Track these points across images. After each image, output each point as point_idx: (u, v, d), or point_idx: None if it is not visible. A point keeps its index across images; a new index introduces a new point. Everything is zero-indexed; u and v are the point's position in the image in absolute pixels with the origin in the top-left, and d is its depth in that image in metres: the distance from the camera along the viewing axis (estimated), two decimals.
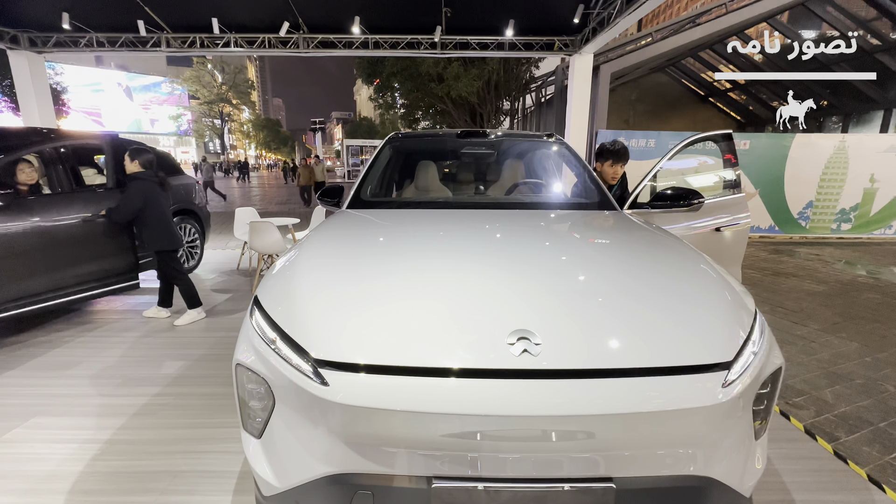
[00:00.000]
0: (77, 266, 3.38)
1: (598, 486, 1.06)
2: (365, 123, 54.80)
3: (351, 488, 1.11)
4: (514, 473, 1.06)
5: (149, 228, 3.46)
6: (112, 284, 3.62)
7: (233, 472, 1.86)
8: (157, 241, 3.48)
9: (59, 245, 3.27)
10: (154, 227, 3.45)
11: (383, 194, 2.89)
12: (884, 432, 2.25)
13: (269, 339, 1.24)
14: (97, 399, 2.45)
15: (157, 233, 3.47)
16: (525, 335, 1.12)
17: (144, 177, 3.40)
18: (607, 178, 3.06)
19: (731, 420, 1.13)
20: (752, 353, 1.19)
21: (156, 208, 3.44)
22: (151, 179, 3.44)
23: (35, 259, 3.13)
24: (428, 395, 1.04)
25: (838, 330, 3.64)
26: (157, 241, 3.49)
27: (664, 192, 2.39)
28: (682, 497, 1.13)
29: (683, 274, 1.49)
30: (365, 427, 1.07)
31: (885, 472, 1.93)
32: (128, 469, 1.89)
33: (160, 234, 3.48)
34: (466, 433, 1.03)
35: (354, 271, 1.48)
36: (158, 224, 3.46)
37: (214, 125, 54.16)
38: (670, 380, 1.08)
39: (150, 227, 3.45)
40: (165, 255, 3.54)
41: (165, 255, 3.55)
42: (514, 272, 1.48)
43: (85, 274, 3.44)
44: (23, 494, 1.74)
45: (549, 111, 16.46)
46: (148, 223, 3.44)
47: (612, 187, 3.10)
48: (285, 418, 1.19)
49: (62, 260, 3.29)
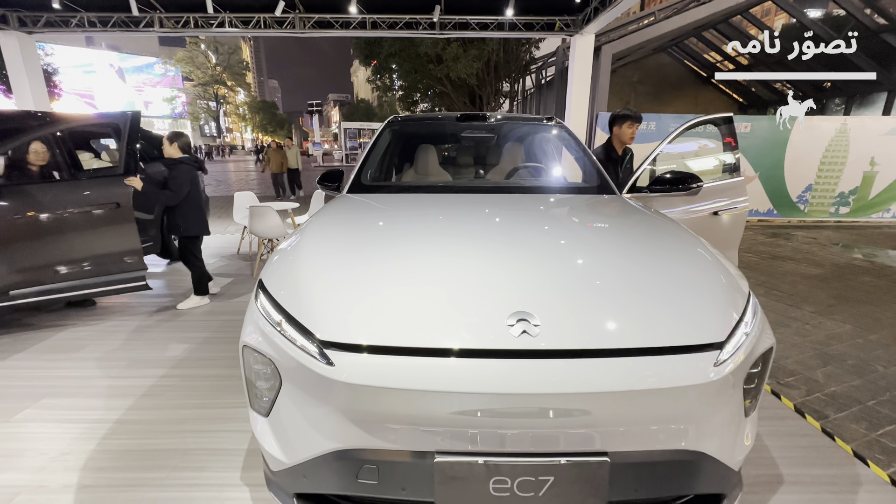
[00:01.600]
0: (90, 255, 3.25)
1: (594, 460, 1.10)
2: (363, 106, 53.99)
3: (356, 463, 1.16)
4: (513, 448, 1.11)
5: (184, 213, 3.49)
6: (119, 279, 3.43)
7: (240, 450, 1.92)
8: (191, 225, 3.54)
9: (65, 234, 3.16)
10: (189, 211, 3.51)
11: (383, 178, 2.89)
12: (872, 410, 2.31)
13: (275, 322, 1.27)
14: (105, 381, 2.51)
15: (192, 217, 3.54)
16: (524, 317, 1.15)
17: (188, 161, 3.45)
18: (626, 139, 3.14)
19: (722, 398, 1.17)
20: (744, 333, 1.23)
21: (196, 193, 3.51)
22: (192, 164, 3.49)
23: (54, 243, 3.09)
24: (430, 375, 1.08)
25: (832, 312, 3.70)
26: (192, 226, 3.55)
27: (663, 175, 2.40)
28: (674, 470, 1.18)
29: (679, 257, 1.51)
30: (369, 405, 1.11)
31: (870, 448, 2.00)
32: (139, 447, 1.95)
33: (195, 219, 3.56)
34: (467, 410, 1.07)
35: (357, 255, 1.51)
36: (194, 209, 3.53)
37: (209, 108, 53.35)
38: (664, 359, 1.12)
39: (185, 211, 3.49)
40: (192, 240, 3.61)
41: (192, 241, 3.60)
42: (514, 255, 1.50)
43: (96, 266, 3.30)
44: (38, 471, 1.80)
45: (549, 93, 16.24)
46: (184, 208, 3.47)
47: (625, 154, 3.18)
48: (292, 397, 1.23)
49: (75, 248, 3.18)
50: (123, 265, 3.30)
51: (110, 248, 3.24)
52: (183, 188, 3.40)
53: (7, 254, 2.94)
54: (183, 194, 3.41)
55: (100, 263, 3.24)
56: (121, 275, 3.30)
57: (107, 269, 3.27)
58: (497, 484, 1.10)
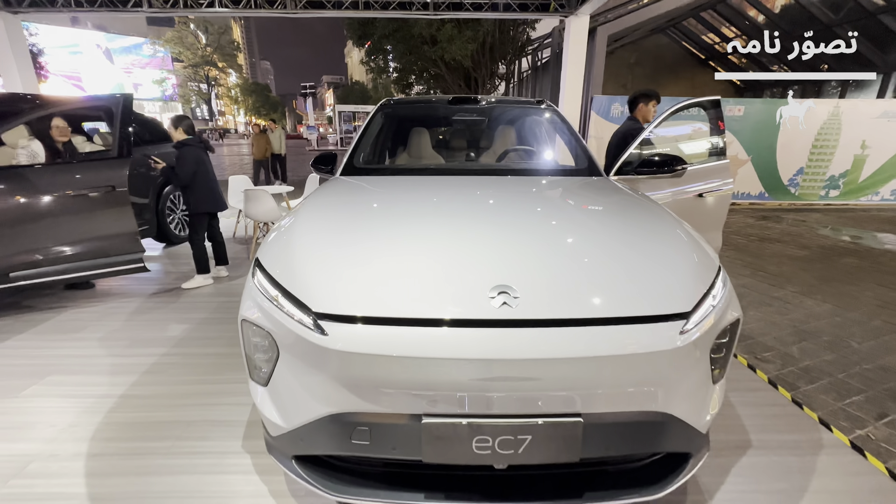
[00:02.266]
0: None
1: (568, 421, 1.20)
2: (357, 88, 53.15)
3: (350, 425, 1.25)
4: (494, 410, 1.20)
5: (196, 191, 3.65)
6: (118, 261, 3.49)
7: (241, 422, 2.02)
8: (204, 203, 3.70)
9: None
10: (201, 190, 3.66)
11: (376, 161, 2.94)
12: (841, 382, 2.44)
13: (272, 297, 1.35)
14: (108, 359, 2.59)
15: (204, 195, 3.69)
16: (505, 289, 1.24)
17: (192, 143, 3.59)
18: (648, 117, 3.30)
19: (688, 364, 1.26)
20: (710, 305, 1.32)
21: (205, 172, 3.66)
22: (197, 145, 3.63)
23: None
24: (417, 343, 1.17)
25: (814, 292, 3.82)
26: (205, 204, 3.70)
27: (649, 158, 2.47)
28: (643, 430, 1.28)
29: (654, 235, 1.59)
30: (361, 371, 1.20)
31: (836, 416, 2.13)
32: (144, 420, 2.05)
33: (207, 197, 3.71)
34: (451, 375, 1.16)
35: (349, 233, 1.58)
36: (205, 187, 3.68)
37: (201, 90, 52.36)
38: (633, 328, 1.21)
39: (197, 190, 3.65)
40: (199, 217, 3.73)
41: (198, 217, 3.74)
42: (497, 233, 1.58)
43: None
44: (48, 441, 1.89)
45: (545, 75, 16.08)
46: (195, 187, 3.62)
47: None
48: (289, 366, 1.32)
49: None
50: (121, 248, 3.35)
51: (107, 230, 3.29)
52: (188, 169, 3.54)
53: (5, 237, 2.98)
54: (189, 175, 3.56)
55: (97, 246, 3.29)
56: (119, 257, 3.35)
57: (104, 251, 3.31)
58: (479, 443, 1.20)
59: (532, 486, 1.35)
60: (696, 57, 18.06)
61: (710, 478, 1.72)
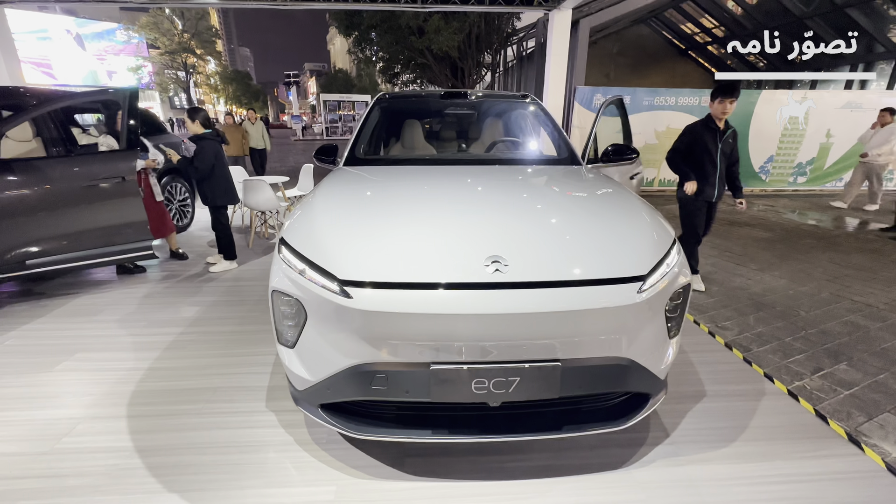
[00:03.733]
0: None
1: (549, 365, 1.49)
2: (341, 76, 52.32)
3: (370, 374, 1.52)
4: (489, 357, 1.48)
5: (211, 185, 3.77)
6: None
7: (262, 387, 2.27)
8: (221, 196, 3.83)
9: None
10: (218, 183, 3.78)
11: (374, 152, 3.16)
12: (788, 345, 2.80)
13: (299, 269, 1.59)
14: (129, 338, 2.79)
15: (221, 188, 3.81)
16: (497, 258, 1.51)
17: (210, 136, 3.68)
18: (717, 113, 3.29)
19: (645, 317, 1.56)
20: (664, 271, 1.61)
21: (221, 166, 3.77)
22: (214, 139, 3.71)
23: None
24: (427, 301, 1.43)
25: (773, 269, 4.21)
26: (222, 196, 3.83)
27: (608, 149, 2.75)
28: (610, 373, 1.58)
29: (620, 213, 1.88)
30: (380, 327, 1.46)
31: (779, 371, 2.48)
32: (173, 388, 2.28)
33: (224, 190, 3.83)
34: (455, 327, 1.43)
35: (362, 215, 1.84)
36: (222, 180, 3.79)
37: (178, 78, 50.86)
38: (602, 288, 1.49)
39: (214, 183, 3.76)
40: (220, 209, 3.90)
41: (219, 210, 3.90)
42: (489, 214, 1.86)
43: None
44: (89, 406, 2.11)
45: (530, 65, 16.26)
46: (214, 180, 3.74)
47: (727, 128, 3.35)
48: (316, 328, 1.57)
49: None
50: (131, 236, 3.52)
51: (118, 220, 3.46)
52: (208, 162, 3.66)
53: (22, 225, 3.12)
54: (208, 168, 3.68)
55: (109, 234, 3.46)
56: (129, 245, 3.52)
57: (114, 239, 3.48)
58: (477, 384, 1.48)
59: (520, 421, 1.65)
60: (676, 47, 18.46)
61: (669, 419, 2.04)
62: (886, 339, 2.86)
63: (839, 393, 2.30)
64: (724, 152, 3.34)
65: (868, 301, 3.47)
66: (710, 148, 3.31)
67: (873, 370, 2.51)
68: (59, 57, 35.93)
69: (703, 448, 1.87)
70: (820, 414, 2.10)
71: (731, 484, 1.69)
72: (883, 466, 1.78)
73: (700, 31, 16.91)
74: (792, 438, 1.94)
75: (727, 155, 3.36)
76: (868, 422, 2.07)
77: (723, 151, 3.33)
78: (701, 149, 3.33)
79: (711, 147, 3.31)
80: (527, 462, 1.78)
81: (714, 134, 3.33)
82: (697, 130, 3.35)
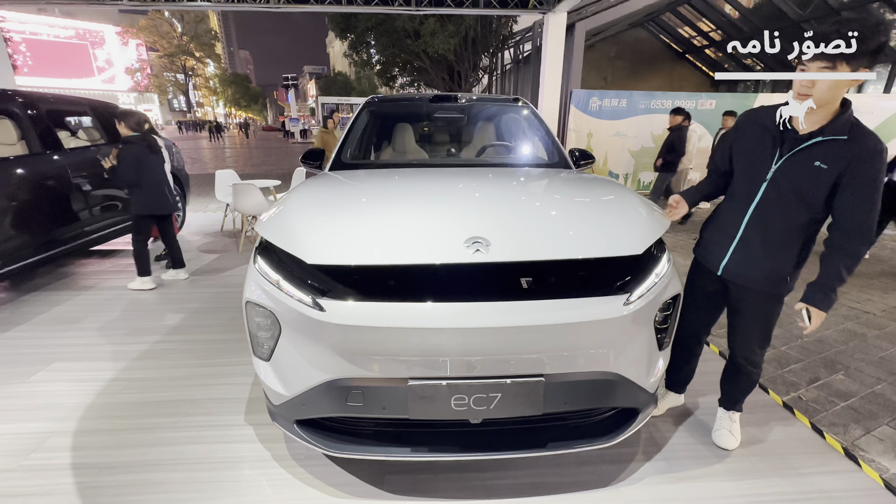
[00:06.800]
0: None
1: (532, 380, 1.42)
2: (340, 79, 52.38)
3: (345, 390, 1.45)
4: (469, 373, 1.42)
5: (138, 193, 3.46)
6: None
7: (242, 399, 2.20)
8: (146, 205, 3.50)
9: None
10: (144, 191, 3.45)
11: (362, 157, 3.09)
12: (783, 354, 2.74)
13: (274, 280, 1.52)
14: (109, 347, 2.72)
15: (146, 197, 3.48)
16: (478, 240, 1.47)
17: (134, 140, 3.38)
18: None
19: (633, 330, 1.49)
20: (654, 281, 1.55)
21: (148, 172, 3.42)
22: (140, 143, 3.40)
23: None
24: (402, 315, 1.37)
25: None
26: (146, 206, 3.50)
27: (574, 152, 2.73)
28: (597, 388, 1.51)
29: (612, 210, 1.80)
30: (354, 341, 1.39)
31: (773, 382, 2.42)
32: (150, 399, 2.21)
33: (149, 199, 3.49)
34: (433, 341, 1.37)
35: (341, 206, 1.77)
36: (147, 188, 3.46)
37: (177, 80, 50.92)
38: (586, 300, 1.43)
39: (139, 191, 3.45)
40: (139, 219, 3.52)
41: (139, 220, 3.53)
42: (472, 204, 1.81)
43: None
44: (62, 420, 2.04)
45: (526, 68, 16.24)
46: (139, 187, 3.44)
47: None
48: (290, 341, 1.51)
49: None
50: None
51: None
52: (129, 168, 3.34)
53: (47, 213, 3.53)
54: (130, 175, 3.36)
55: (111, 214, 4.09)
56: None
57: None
58: (457, 400, 1.42)
59: (503, 438, 1.58)
60: (673, 50, 18.47)
61: (659, 433, 1.98)
62: (884, 348, 2.80)
63: (836, 404, 2.24)
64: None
65: (865, 308, 3.41)
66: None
67: (870, 380, 2.45)
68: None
69: (696, 464, 1.80)
70: (816, 427, 2.04)
71: (725, 502, 1.63)
72: (881, 484, 1.72)
73: (697, 34, 16.93)
74: (787, 453, 1.88)
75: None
76: (865, 435, 2.01)
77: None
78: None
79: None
80: (511, 480, 1.72)
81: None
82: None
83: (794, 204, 1.53)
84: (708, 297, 1.84)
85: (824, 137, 1.44)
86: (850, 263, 1.49)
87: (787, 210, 1.55)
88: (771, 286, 1.65)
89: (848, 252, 1.49)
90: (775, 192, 1.55)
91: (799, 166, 1.49)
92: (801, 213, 1.53)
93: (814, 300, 1.53)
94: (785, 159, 1.52)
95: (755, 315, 1.73)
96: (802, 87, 1.41)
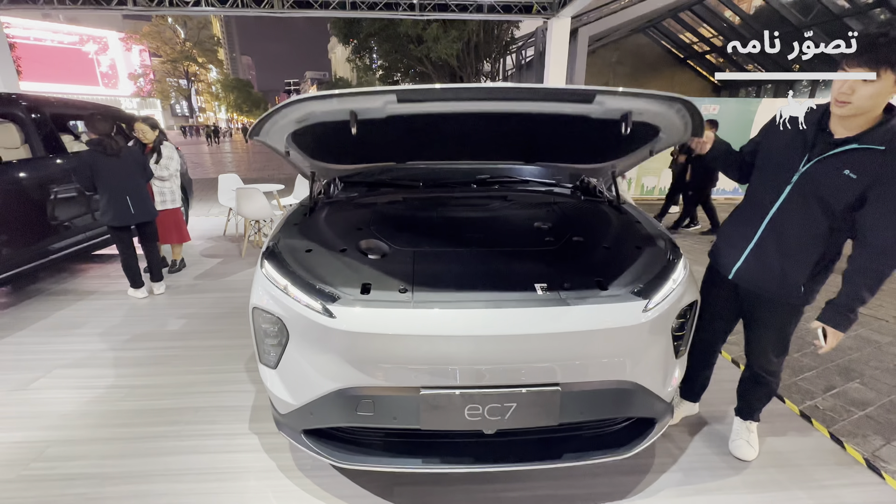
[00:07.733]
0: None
1: (548, 390, 1.38)
2: (342, 85, 52.66)
3: (355, 399, 1.41)
4: (483, 382, 1.37)
5: (101, 201, 3.25)
6: None
7: (247, 406, 2.15)
8: (104, 215, 3.27)
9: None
10: (102, 200, 3.23)
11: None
12: (796, 361, 2.68)
13: (281, 286, 1.49)
14: (111, 353, 2.68)
15: (104, 207, 3.24)
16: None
17: (89, 145, 3.17)
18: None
19: (650, 337, 1.45)
20: (671, 288, 1.51)
21: (99, 180, 3.17)
22: (95, 148, 3.14)
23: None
24: (414, 322, 1.33)
25: None
26: (105, 215, 3.26)
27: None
28: (613, 397, 1.47)
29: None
30: (365, 349, 1.35)
31: (788, 390, 2.37)
32: (153, 407, 2.16)
33: (106, 209, 3.23)
34: (447, 350, 1.33)
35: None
36: (104, 198, 3.21)
37: (180, 86, 51.14)
38: (603, 307, 1.39)
39: (100, 200, 3.25)
40: (114, 231, 3.33)
41: (113, 231, 3.33)
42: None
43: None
44: (62, 428, 2.00)
45: (529, 74, 16.30)
46: (101, 197, 3.23)
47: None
48: (298, 348, 1.47)
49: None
50: None
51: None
52: (83, 177, 3.20)
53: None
54: (86, 183, 3.21)
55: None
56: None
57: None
58: (471, 410, 1.37)
59: (517, 449, 1.53)
60: (675, 56, 18.54)
61: (676, 443, 1.93)
62: None
63: (853, 413, 2.19)
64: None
65: (876, 314, 3.36)
66: None
67: (887, 388, 2.40)
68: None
69: (713, 476, 1.75)
70: (835, 437, 1.99)
71: None
72: None
73: (698, 40, 17.00)
74: (808, 465, 1.82)
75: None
76: (886, 445, 1.96)
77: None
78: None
79: None
80: (522, 492, 1.67)
81: None
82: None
83: (815, 211, 1.44)
84: (722, 304, 1.77)
85: (860, 145, 1.34)
86: (872, 284, 1.40)
87: (807, 216, 1.46)
88: (783, 294, 1.58)
89: (871, 271, 1.39)
90: (798, 197, 1.47)
91: (827, 172, 1.40)
92: (821, 221, 1.45)
93: (831, 320, 1.46)
94: (813, 163, 1.43)
95: (770, 324, 1.67)
96: (841, 94, 1.30)
